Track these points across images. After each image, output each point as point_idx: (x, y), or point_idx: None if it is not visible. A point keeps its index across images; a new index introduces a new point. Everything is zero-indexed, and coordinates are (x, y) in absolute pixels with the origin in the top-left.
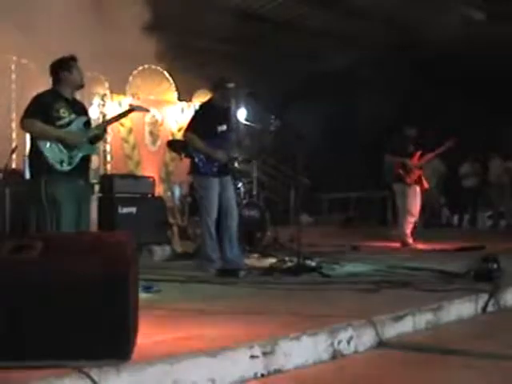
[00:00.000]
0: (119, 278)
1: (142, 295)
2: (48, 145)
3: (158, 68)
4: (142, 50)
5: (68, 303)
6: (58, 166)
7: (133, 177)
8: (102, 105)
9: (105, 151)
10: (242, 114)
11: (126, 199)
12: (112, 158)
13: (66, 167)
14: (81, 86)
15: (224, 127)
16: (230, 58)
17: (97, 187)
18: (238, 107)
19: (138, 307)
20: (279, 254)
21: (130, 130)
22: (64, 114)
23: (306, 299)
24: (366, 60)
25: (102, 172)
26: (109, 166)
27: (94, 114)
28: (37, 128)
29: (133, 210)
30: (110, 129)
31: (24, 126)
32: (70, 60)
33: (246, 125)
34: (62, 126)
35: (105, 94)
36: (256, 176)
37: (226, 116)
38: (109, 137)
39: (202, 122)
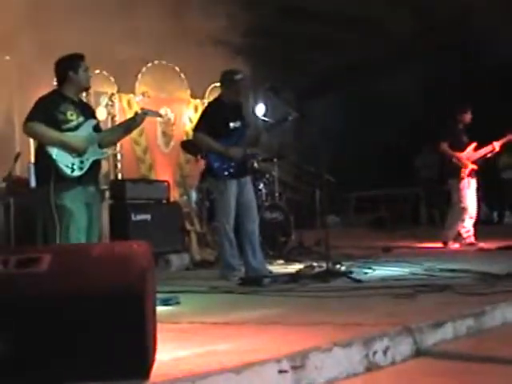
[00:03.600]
0: (134, 291)
1: (160, 309)
2: (57, 149)
3: (170, 64)
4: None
5: (79, 320)
6: (68, 172)
7: (146, 181)
8: (110, 105)
9: (115, 155)
10: (260, 110)
11: (140, 206)
12: (123, 161)
13: (76, 173)
14: (86, 88)
15: (237, 123)
16: (247, 51)
17: (107, 194)
18: (255, 102)
19: (156, 322)
20: (305, 259)
21: (142, 131)
22: (71, 116)
23: (337, 307)
24: (391, 48)
25: (112, 177)
26: (119, 171)
27: (102, 114)
28: (39, 132)
29: (147, 217)
30: None
31: (26, 129)
32: (78, 58)
33: (264, 121)
34: (69, 130)
35: (113, 94)
36: (278, 175)
37: (239, 111)
38: None
39: (212, 119)
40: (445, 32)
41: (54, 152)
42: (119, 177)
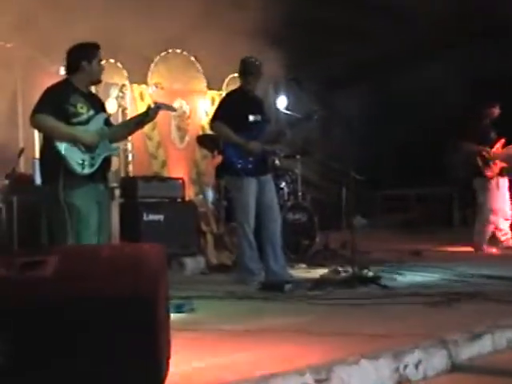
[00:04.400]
0: (146, 297)
1: (174, 316)
2: (66, 144)
3: (184, 53)
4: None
5: (87, 328)
6: (78, 169)
7: (159, 179)
8: (120, 97)
9: (126, 150)
10: (281, 103)
11: (152, 205)
12: (134, 157)
13: (87, 170)
14: (98, 81)
15: (258, 117)
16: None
17: (118, 192)
18: (276, 94)
19: (170, 330)
20: (330, 263)
21: (154, 125)
22: (82, 109)
23: (364, 316)
24: (422, 37)
25: (123, 174)
26: (131, 167)
27: (112, 107)
28: (48, 125)
29: (160, 217)
30: None
31: (34, 122)
32: (93, 48)
33: (286, 114)
34: (79, 124)
35: (124, 85)
36: (301, 173)
37: (260, 105)
38: None
39: (230, 109)
40: (481, 20)
41: (63, 147)
42: (130, 174)
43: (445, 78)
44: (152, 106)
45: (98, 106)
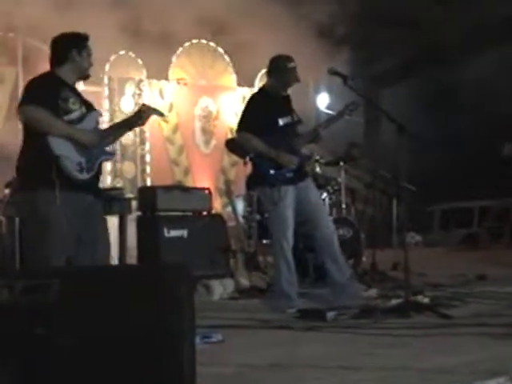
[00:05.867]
0: (167, 327)
1: (199, 347)
2: (61, 142)
3: (211, 44)
4: None
5: (96, 362)
6: (75, 173)
7: (181, 189)
8: (137, 94)
9: (143, 156)
10: (322, 101)
11: (174, 219)
12: (152, 164)
13: (85, 175)
14: (85, 77)
15: (288, 119)
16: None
17: (134, 204)
18: (316, 92)
19: (195, 365)
20: (379, 286)
21: (176, 128)
22: (74, 105)
23: (421, 349)
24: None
25: (140, 183)
26: (149, 176)
27: (128, 105)
28: (42, 117)
29: (183, 232)
30: (148, 126)
31: (24, 113)
32: (84, 38)
33: (327, 114)
34: (71, 122)
35: (141, 80)
36: (345, 183)
37: (288, 105)
38: (147, 136)
39: (257, 115)
40: None
41: (58, 146)
42: (148, 183)
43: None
44: (143, 106)
45: (89, 104)
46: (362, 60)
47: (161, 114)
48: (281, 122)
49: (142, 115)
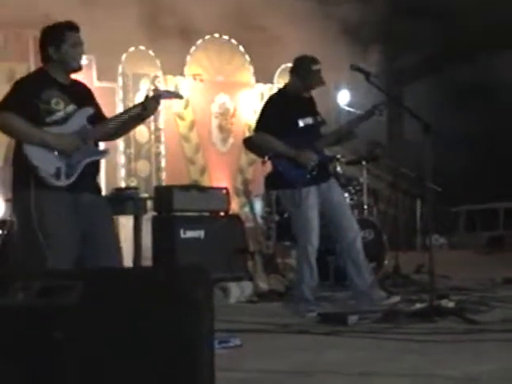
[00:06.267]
0: (186, 331)
1: (217, 352)
2: (37, 149)
3: (232, 40)
4: None
5: (113, 366)
6: (51, 180)
7: (198, 188)
8: (152, 90)
9: (158, 154)
10: (343, 98)
11: (190, 219)
12: (167, 162)
13: (63, 181)
14: (75, 70)
15: (309, 120)
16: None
17: (149, 204)
18: (337, 89)
19: (214, 371)
20: (402, 290)
21: (192, 125)
22: (57, 105)
23: (446, 355)
24: None
25: (155, 183)
26: (164, 175)
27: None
28: (14, 125)
29: (200, 233)
30: (163, 123)
31: None
32: (63, 29)
33: (349, 112)
34: (56, 123)
35: (156, 76)
36: (367, 183)
37: (311, 105)
38: (162, 133)
39: (276, 116)
40: None
41: (33, 154)
42: (163, 182)
43: None
44: (150, 94)
45: (83, 98)
46: (385, 55)
47: (179, 97)
48: (301, 123)
49: (146, 104)
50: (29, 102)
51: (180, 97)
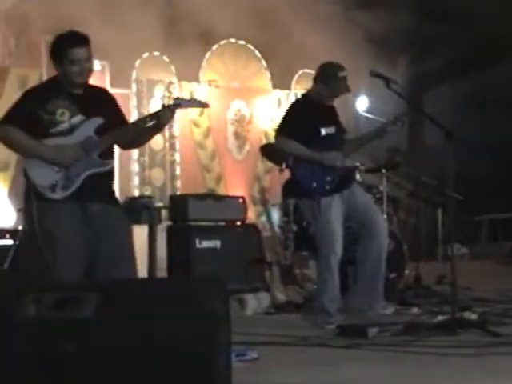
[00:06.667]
0: (203, 344)
1: (234, 365)
2: (34, 161)
3: (248, 45)
4: None
5: (129, 377)
6: (47, 193)
7: (214, 197)
8: (167, 97)
9: (173, 162)
10: (362, 104)
11: (206, 229)
12: (182, 170)
13: (59, 194)
14: (78, 85)
15: (332, 129)
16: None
17: (164, 213)
18: (355, 96)
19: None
20: (424, 302)
21: (208, 132)
22: (62, 116)
23: (467, 368)
24: None
25: (169, 192)
26: (179, 183)
27: (157, 109)
28: (13, 139)
29: (216, 243)
30: (178, 130)
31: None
32: (64, 45)
33: (367, 118)
34: (61, 134)
35: (171, 82)
36: (387, 191)
37: (333, 113)
38: (177, 140)
39: (299, 122)
40: None
41: (31, 167)
42: (178, 191)
43: None
44: (169, 103)
45: (95, 108)
46: (410, 60)
47: (204, 105)
48: (323, 131)
49: (160, 113)
50: (33, 114)
51: (205, 105)
